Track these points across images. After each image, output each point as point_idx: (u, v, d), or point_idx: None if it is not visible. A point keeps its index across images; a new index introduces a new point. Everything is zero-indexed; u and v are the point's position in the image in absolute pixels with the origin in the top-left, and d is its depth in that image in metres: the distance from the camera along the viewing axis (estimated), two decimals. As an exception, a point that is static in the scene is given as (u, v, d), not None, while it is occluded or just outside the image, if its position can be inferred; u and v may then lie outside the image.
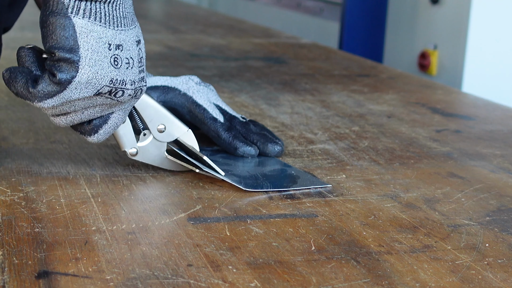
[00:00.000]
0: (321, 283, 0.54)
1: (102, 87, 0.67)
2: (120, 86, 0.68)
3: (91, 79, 0.66)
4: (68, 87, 0.66)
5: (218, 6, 3.83)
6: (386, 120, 1.06)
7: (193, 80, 0.89)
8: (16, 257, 0.56)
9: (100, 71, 0.66)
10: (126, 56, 0.68)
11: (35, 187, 0.71)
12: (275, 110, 1.09)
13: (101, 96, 0.68)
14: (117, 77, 0.68)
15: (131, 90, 0.69)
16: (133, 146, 0.76)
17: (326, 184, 0.76)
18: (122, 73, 0.68)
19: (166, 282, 0.53)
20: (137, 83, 0.70)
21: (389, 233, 0.64)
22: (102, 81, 0.67)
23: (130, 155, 0.76)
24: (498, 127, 1.04)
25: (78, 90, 0.66)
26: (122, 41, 0.68)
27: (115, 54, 0.67)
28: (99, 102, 0.69)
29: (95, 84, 0.67)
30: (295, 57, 1.60)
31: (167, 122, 0.77)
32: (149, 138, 0.77)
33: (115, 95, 0.69)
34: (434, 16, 2.11)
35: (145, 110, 0.76)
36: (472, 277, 0.56)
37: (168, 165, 0.78)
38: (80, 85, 0.66)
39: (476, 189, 0.77)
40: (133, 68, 0.69)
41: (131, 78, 0.69)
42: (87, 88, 0.67)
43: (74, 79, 0.65)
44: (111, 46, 0.67)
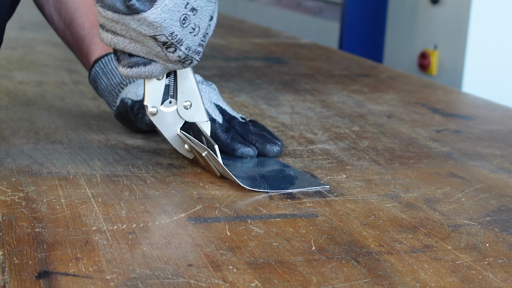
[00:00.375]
0: (322, 283, 0.54)
1: (160, 34, 0.68)
2: (176, 43, 0.70)
3: (156, 22, 0.68)
4: (133, 16, 0.67)
5: (218, 6, 3.82)
6: (386, 120, 1.06)
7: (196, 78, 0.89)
8: (17, 257, 0.56)
9: (168, 21, 0.68)
10: (195, 22, 0.70)
11: (35, 187, 0.71)
12: (275, 110, 1.09)
13: (155, 41, 0.69)
14: (178, 34, 0.69)
15: (183, 53, 0.71)
16: (156, 106, 0.76)
17: (324, 185, 0.76)
18: (184, 33, 0.70)
19: (166, 282, 0.53)
20: (192, 51, 0.72)
21: (389, 233, 0.64)
22: (164, 30, 0.68)
23: (149, 113, 0.76)
24: (498, 127, 1.04)
25: (139, 24, 0.68)
26: (199, 7, 0.70)
27: (187, 14, 0.69)
28: (149, 45, 0.70)
29: (157, 29, 0.68)
30: (295, 57, 1.60)
31: (195, 102, 0.77)
32: (172, 107, 0.77)
33: (167, 48, 0.70)
34: (434, 16, 2.11)
35: (183, 81, 0.77)
36: (473, 277, 0.56)
37: (175, 143, 0.78)
38: (143, 21, 0.68)
39: (476, 189, 0.77)
40: (195, 36, 0.71)
41: (189, 43, 0.71)
42: (148, 27, 0.68)
43: (142, 13, 0.67)
44: (188, 5, 0.69)
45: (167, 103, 0.77)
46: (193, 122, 0.78)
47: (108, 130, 0.93)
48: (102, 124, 0.96)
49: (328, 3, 2.73)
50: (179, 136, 0.78)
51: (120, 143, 0.87)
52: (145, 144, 0.87)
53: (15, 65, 1.36)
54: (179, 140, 0.78)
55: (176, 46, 0.70)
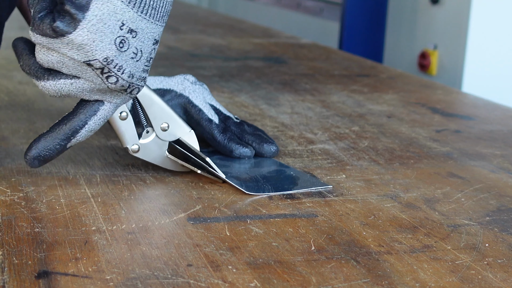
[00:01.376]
0: (321, 283, 0.54)
1: (94, 59, 0.63)
2: (115, 70, 0.64)
3: (85, 44, 0.62)
4: (59, 38, 0.62)
5: (218, 6, 3.83)
6: (386, 120, 1.06)
7: (189, 80, 0.88)
8: (16, 257, 0.56)
9: (98, 43, 0.62)
10: (136, 46, 0.64)
11: (35, 187, 0.71)
12: (275, 110, 1.09)
13: (92, 69, 0.64)
14: (115, 59, 0.64)
15: (126, 82, 0.65)
16: (135, 143, 0.75)
17: (327, 184, 0.76)
18: (123, 59, 0.64)
19: (166, 282, 0.53)
20: (136, 79, 0.66)
21: (389, 233, 0.64)
22: (96, 54, 0.63)
23: (132, 151, 0.75)
24: (498, 127, 1.04)
25: (69, 48, 0.63)
26: (139, 29, 0.64)
27: (124, 36, 0.64)
28: (88, 76, 0.64)
29: (88, 52, 0.63)
30: (295, 57, 1.60)
31: (171, 121, 0.76)
32: (151, 135, 0.76)
33: (107, 78, 0.64)
34: (434, 16, 2.11)
35: (150, 107, 0.75)
36: (472, 277, 0.56)
37: (168, 164, 0.77)
38: (72, 44, 0.62)
39: (476, 189, 0.77)
40: (138, 62, 0.65)
41: (131, 69, 0.65)
42: (78, 51, 0.63)
43: (68, 35, 0.62)
44: (124, 26, 0.63)
45: (144, 134, 0.76)
46: (178, 140, 0.77)
47: (108, 130, 0.93)
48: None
49: (328, 3, 2.73)
50: (169, 158, 0.77)
51: (120, 143, 0.87)
52: (145, 144, 0.87)
53: (15, 65, 1.36)
54: (171, 161, 0.77)
55: (117, 74, 0.64)
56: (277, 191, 0.73)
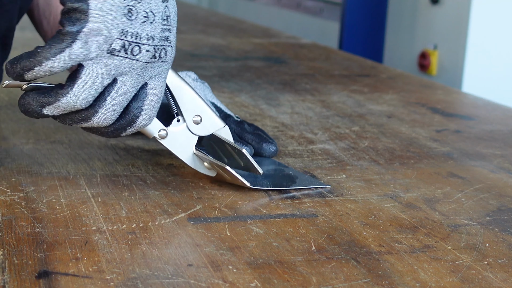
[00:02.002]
0: (321, 283, 0.54)
1: (113, 40, 0.62)
2: (133, 40, 0.63)
3: (101, 30, 0.62)
4: (77, 39, 0.61)
5: (218, 6, 3.83)
6: (386, 120, 1.06)
7: (190, 76, 0.88)
8: (17, 257, 0.56)
9: (112, 21, 0.62)
10: (144, 9, 0.64)
11: (35, 187, 0.71)
12: (275, 110, 1.09)
13: (117, 55, 0.63)
14: (129, 29, 0.63)
15: (149, 46, 0.65)
16: (162, 128, 0.71)
17: (326, 184, 0.76)
18: (136, 25, 0.63)
19: (166, 282, 0.53)
20: (157, 40, 0.65)
21: (389, 233, 0.64)
22: (113, 32, 0.62)
23: (159, 137, 0.71)
24: (498, 127, 1.04)
25: (89, 44, 0.62)
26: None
27: (130, 4, 0.63)
28: (118, 67, 0.64)
29: (106, 36, 0.62)
30: (295, 57, 1.60)
31: (204, 114, 0.72)
32: (182, 125, 0.72)
33: (131, 51, 0.64)
34: (434, 16, 2.11)
35: (182, 98, 0.71)
36: (472, 277, 0.56)
37: (192, 162, 0.73)
38: (90, 37, 0.62)
39: (476, 189, 0.77)
40: (152, 24, 0.64)
41: (148, 32, 0.64)
42: (98, 42, 0.62)
43: (83, 30, 0.61)
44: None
45: (175, 123, 0.72)
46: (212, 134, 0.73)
47: (108, 130, 0.93)
48: (102, 124, 0.96)
49: (328, 3, 2.73)
50: (196, 155, 0.73)
51: (120, 143, 0.87)
52: (145, 144, 0.87)
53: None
54: (197, 159, 0.73)
55: (137, 43, 0.64)
56: (275, 187, 0.73)
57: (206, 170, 0.74)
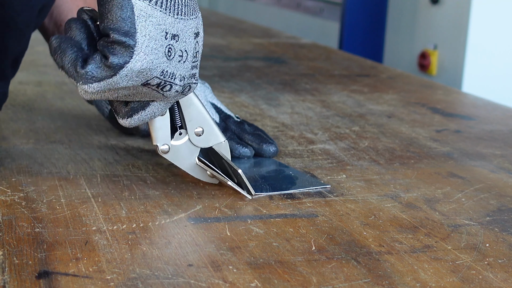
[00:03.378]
0: (322, 283, 0.54)
1: (152, 78, 0.63)
2: (169, 79, 0.64)
3: (144, 68, 0.62)
4: (118, 73, 0.61)
5: (218, 6, 3.83)
6: (386, 120, 1.06)
7: None
8: (17, 257, 0.56)
9: (155, 61, 0.62)
10: (180, 48, 0.64)
11: (35, 187, 0.71)
12: (275, 110, 1.09)
13: (148, 87, 0.64)
14: (168, 69, 0.63)
15: (179, 86, 0.65)
16: (166, 143, 0.71)
17: (325, 184, 0.76)
18: (173, 65, 0.64)
19: (166, 282, 0.53)
20: (187, 79, 0.65)
21: (389, 233, 0.64)
22: (154, 72, 0.62)
23: (161, 151, 0.71)
24: (498, 127, 1.04)
25: (128, 78, 0.62)
26: (180, 31, 0.63)
27: (170, 44, 0.63)
28: (143, 92, 0.64)
29: (147, 74, 0.62)
30: (295, 57, 1.60)
31: (207, 126, 0.72)
32: (184, 138, 0.72)
33: (162, 88, 0.64)
34: (434, 16, 2.11)
35: (188, 108, 0.71)
36: (473, 277, 0.56)
37: (195, 172, 0.74)
38: (131, 73, 0.62)
39: (476, 189, 0.77)
40: (185, 62, 0.65)
41: (181, 72, 0.65)
42: (137, 77, 0.62)
43: (126, 65, 0.61)
44: (168, 35, 0.62)
45: (177, 136, 0.72)
46: (211, 148, 0.73)
47: (108, 130, 0.93)
48: (102, 124, 0.96)
49: (328, 3, 2.73)
50: (198, 165, 0.73)
51: (120, 143, 0.87)
52: (145, 144, 0.87)
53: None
54: (199, 169, 0.73)
55: (171, 82, 0.64)
56: (275, 191, 0.73)
57: (209, 178, 0.74)
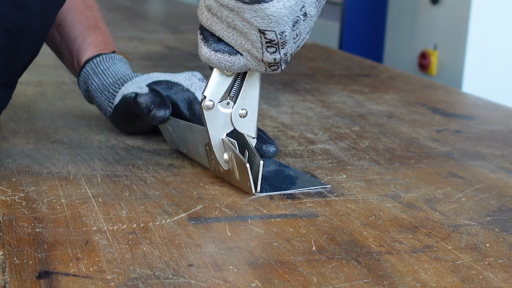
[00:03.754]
0: (322, 283, 0.54)
1: (271, 30, 0.66)
2: (281, 44, 0.67)
3: (273, 16, 0.65)
4: (252, 5, 0.64)
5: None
6: (386, 120, 1.06)
7: (196, 76, 0.89)
8: (17, 257, 0.56)
9: (285, 18, 0.65)
10: (301, 28, 0.68)
11: (35, 187, 0.71)
12: (275, 110, 1.09)
13: (261, 36, 0.66)
14: (288, 35, 0.67)
15: (280, 57, 0.68)
16: (213, 100, 0.71)
17: (326, 184, 0.76)
18: (291, 37, 0.67)
19: (167, 282, 0.53)
20: (287, 57, 0.69)
21: (389, 233, 0.64)
22: (278, 27, 0.65)
23: (204, 106, 0.71)
24: (498, 127, 1.05)
25: (254, 15, 0.65)
26: (310, 14, 0.67)
27: (299, 17, 0.67)
28: (252, 38, 0.66)
29: (271, 23, 0.65)
30: (295, 57, 1.60)
31: (252, 113, 0.73)
32: (228, 110, 0.72)
33: (268, 47, 0.67)
34: (434, 16, 2.11)
35: (248, 87, 0.72)
36: (473, 277, 0.56)
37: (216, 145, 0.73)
38: (260, 12, 0.64)
39: (476, 189, 0.77)
40: (295, 43, 0.69)
41: (289, 48, 0.68)
42: (262, 20, 0.65)
43: (263, 4, 0.64)
44: (303, 8, 0.66)
45: (224, 104, 0.72)
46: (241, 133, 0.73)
47: (108, 130, 0.93)
48: (102, 124, 0.96)
49: (328, 3, 2.73)
50: (223, 141, 0.73)
51: (120, 143, 0.87)
52: (145, 144, 0.87)
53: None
54: (220, 146, 0.73)
55: (279, 47, 0.67)
56: (275, 191, 0.73)
57: (222, 161, 0.73)
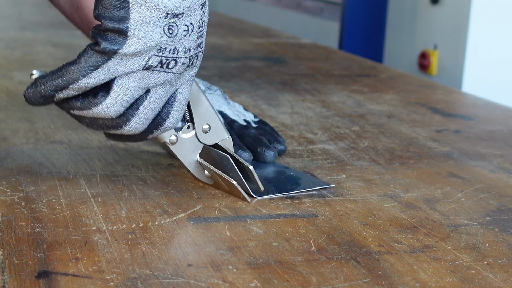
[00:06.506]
0: (321, 283, 0.54)
1: (150, 57, 0.62)
2: (171, 55, 0.63)
3: (139, 50, 0.61)
4: (113, 57, 0.61)
5: (218, 6, 3.83)
6: (386, 120, 1.06)
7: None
8: (16, 257, 0.56)
9: (150, 42, 0.62)
10: (185, 23, 0.63)
11: (35, 187, 0.71)
12: (275, 110, 1.09)
13: (153, 70, 0.63)
14: (168, 45, 0.63)
15: (185, 58, 0.64)
16: (174, 134, 0.72)
17: (329, 184, 0.76)
18: (176, 41, 0.63)
19: (166, 282, 0.53)
20: (193, 50, 0.65)
21: (389, 233, 0.64)
22: (150, 51, 0.62)
23: (169, 142, 0.72)
24: (498, 127, 1.04)
25: (124, 62, 0.62)
26: (185, 9, 0.62)
27: (171, 22, 0.62)
28: (153, 80, 0.64)
29: (143, 55, 0.62)
30: (295, 57, 1.60)
31: (213, 123, 0.74)
32: (191, 133, 0.73)
33: (167, 66, 0.63)
34: (434, 16, 2.11)
35: (197, 106, 0.73)
36: (472, 277, 0.56)
37: (194, 169, 0.74)
38: (125, 57, 0.62)
39: (476, 189, 0.77)
40: (191, 35, 0.64)
41: (186, 45, 0.64)
42: (133, 60, 0.62)
43: (119, 50, 0.61)
44: (168, 15, 0.61)
45: (185, 129, 0.73)
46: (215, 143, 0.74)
47: (108, 130, 0.93)
48: (102, 124, 0.96)
49: (328, 3, 2.73)
50: (198, 162, 0.74)
51: (120, 143, 0.87)
52: (145, 144, 0.87)
53: (15, 65, 1.36)
54: (199, 166, 0.74)
55: (174, 57, 0.63)
56: (280, 193, 0.73)
57: (205, 178, 0.74)
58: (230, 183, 0.71)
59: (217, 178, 0.73)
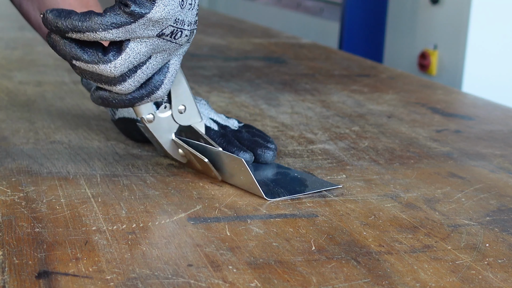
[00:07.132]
0: (321, 283, 0.54)
1: (166, 27, 0.67)
2: (180, 26, 0.68)
3: (162, 18, 0.66)
4: (138, 21, 0.65)
5: (218, 6, 3.83)
6: (386, 120, 1.06)
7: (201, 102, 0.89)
8: (16, 257, 0.56)
9: (171, 11, 0.66)
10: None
11: (35, 187, 0.71)
12: (275, 110, 1.09)
13: (163, 39, 0.68)
14: (180, 17, 0.68)
15: (188, 31, 0.69)
16: (151, 112, 0.75)
17: (337, 184, 0.75)
18: (184, 13, 0.68)
19: (166, 282, 0.53)
20: (193, 25, 0.70)
21: (389, 233, 0.64)
22: (169, 21, 0.67)
23: (146, 120, 0.75)
24: (498, 127, 1.04)
25: (145, 27, 0.66)
26: None
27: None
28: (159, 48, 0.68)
29: (163, 23, 0.66)
30: (295, 57, 1.60)
31: (189, 105, 0.77)
32: (167, 112, 0.77)
33: (175, 36, 0.68)
34: (434, 16, 2.11)
35: (176, 86, 0.76)
36: (472, 277, 0.56)
37: (170, 149, 0.77)
38: (149, 22, 0.66)
39: (476, 189, 0.77)
40: (192, 10, 0.69)
41: (189, 19, 0.69)
42: (153, 27, 0.66)
43: (146, 14, 0.65)
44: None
45: (162, 109, 0.76)
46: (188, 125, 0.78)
47: (108, 130, 0.93)
48: (102, 124, 0.96)
49: (328, 3, 2.73)
50: (173, 141, 0.77)
51: (120, 143, 0.87)
52: (145, 144, 0.87)
53: (15, 65, 1.36)
54: (173, 145, 0.78)
55: (181, 28, 0.68)
56: (291, 194, 0.72)
57: (179, 157, 0.78)
58: (203, 161, 0.74)
59: (190, 157, 0.76)
